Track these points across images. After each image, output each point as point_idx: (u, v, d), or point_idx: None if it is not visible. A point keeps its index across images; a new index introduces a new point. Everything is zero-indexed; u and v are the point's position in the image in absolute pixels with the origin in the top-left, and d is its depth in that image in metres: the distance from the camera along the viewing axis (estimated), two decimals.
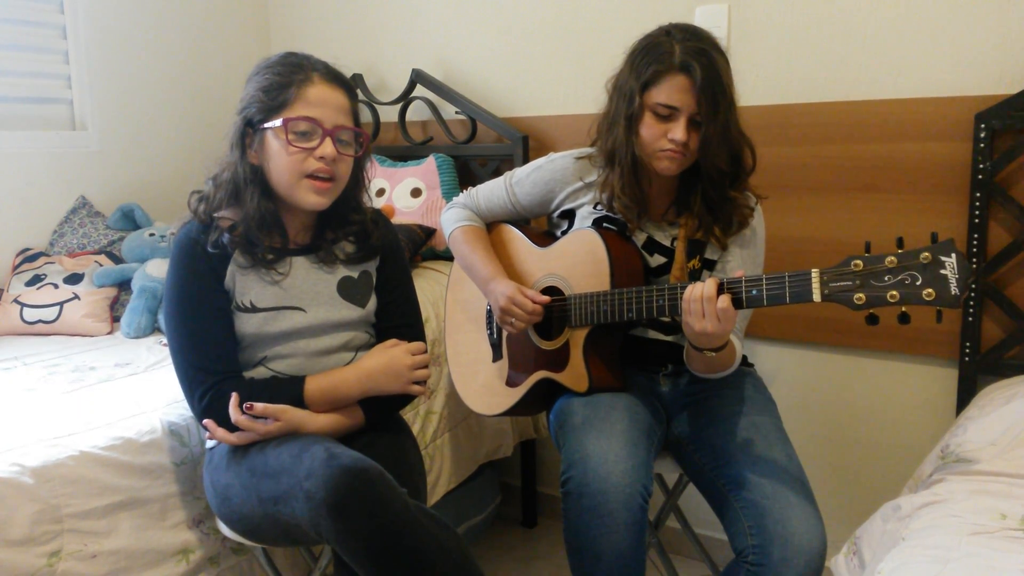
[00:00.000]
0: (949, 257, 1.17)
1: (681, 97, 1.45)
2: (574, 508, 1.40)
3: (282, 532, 1.35)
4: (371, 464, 1.24)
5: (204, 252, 1.41)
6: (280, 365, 1.45)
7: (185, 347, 1.40)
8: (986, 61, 1.80)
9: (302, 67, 1.41)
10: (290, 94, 1.38)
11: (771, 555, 1.32)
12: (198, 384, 1.39)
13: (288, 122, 1.37)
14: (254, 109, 1.40)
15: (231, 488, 1.38)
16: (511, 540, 2.46)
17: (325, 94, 1.40)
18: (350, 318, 1.49)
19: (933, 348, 1.92)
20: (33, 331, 2.13)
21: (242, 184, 1.42)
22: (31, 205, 2.35)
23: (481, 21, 2.50)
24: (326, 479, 1.20)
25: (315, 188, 1.41)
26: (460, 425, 2.13)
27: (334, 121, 1.40)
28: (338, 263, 1.51)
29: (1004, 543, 1.13)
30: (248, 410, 1.35)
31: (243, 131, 1.42)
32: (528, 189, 1.72)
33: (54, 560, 1.32)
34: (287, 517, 1.27)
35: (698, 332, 1.36)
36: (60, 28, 2.44)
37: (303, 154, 1.38)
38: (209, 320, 1.41)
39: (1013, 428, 1.42)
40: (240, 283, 1.43)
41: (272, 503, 1.29)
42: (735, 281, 1.35)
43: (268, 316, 1.44)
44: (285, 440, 1.35)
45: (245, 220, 1.42)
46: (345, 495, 1.19)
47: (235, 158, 1.42)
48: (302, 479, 1.23)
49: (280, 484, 1.27)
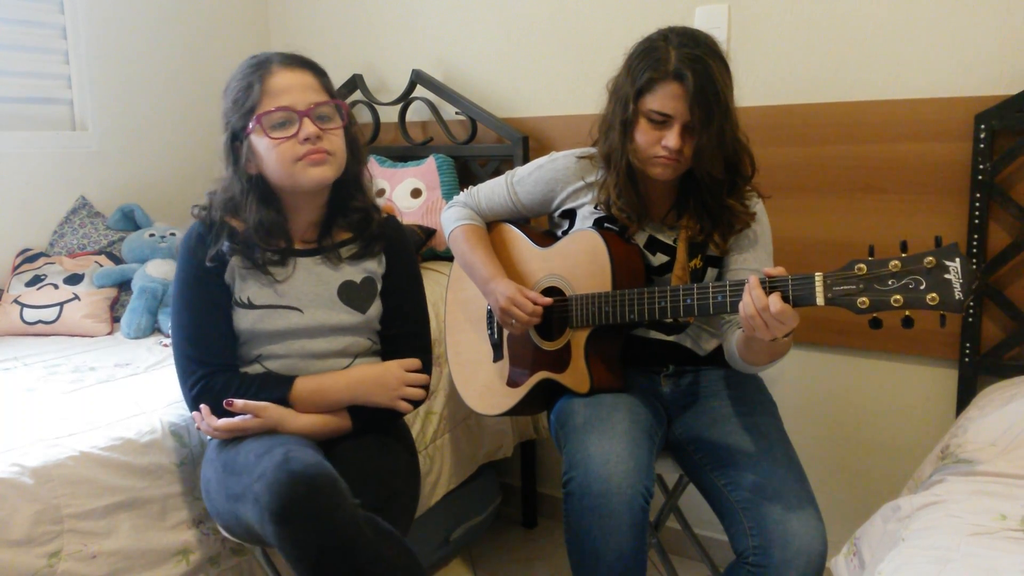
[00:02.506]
0: (953, 261, 1.16)
1: (674, 105, 1.44)
2: (575, 509, 1.40)
3: (245, 531, 1.34)
4: (323, 472, 1.21)
5: (207, 247, 1.43)
6: (274, 364, 1.46)
7: (183, 338, 1.43)
8: (986, 61, 1.80)
9: (259, 64, 1.42)
10: (256, 92, 1.39)
11: (772, 556, 1.33)
12: (190, 374, 1.41)
13: (262, 118, 1.38)
14: (233, 120, 1.42)
15: (210, 483, 1.41)
16: (511, 540, 2.46)
17: (288, 79, 1.40)
18: (349, 323, 1.48)
19: (933, 349, 1.92)
20: (33, 331, 2.13)
21: (238, 197, 1.43)
22: (31, 205, 2.34)
23: (481, 21, 2.50)
24: (272, 483, 1.18)
25: (312, 162, 1.39)
26: (460, 425, 2.13)
27: (306, 101, 1.40)
28: (342, 263, 1.51)
29: (1004, 544, 1.13)
30: (228, 406, 1.36)
31: (231, 146, 1.43)
32: (529, 188, 1.72)
33: (54, 560, 1.32)
34: (243, 516, 1.28)
35: (771, 341, 1.31)
36: (60, 28, 2.44)
37: (288, 142, 1.38)
38: (207, 313, 1.43)
39: (1013, 429, 1.42)
40: (240, 279, 1.45)
41: (233, 500, 1.30)
42: (737, 283, 1.35)
43: (263, 313, 1.45)
44: (258, 438, 1.35)
45: (246, 230, 1.44)
46: (288, 502, 1.16)
47: (229, 174, 1.44)
48: (254, 480, 1.22)
49: (240, 482, 1.28)
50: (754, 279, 1.28)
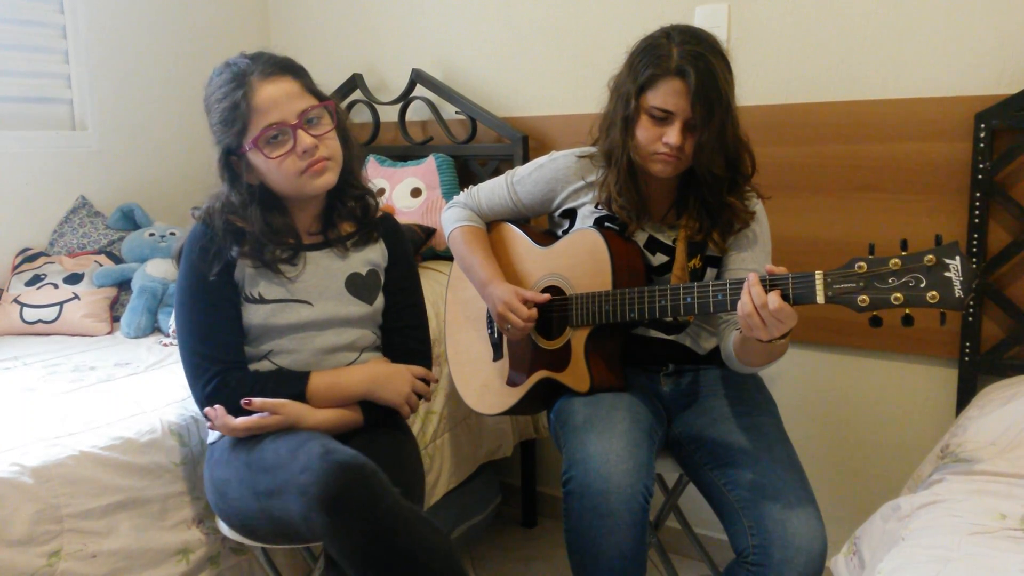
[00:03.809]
0: (953, 259, 1.16)
1: (676, 101, 1.44)
2: (575, 508, 1.40)
3: (275, 528, 1.35)
4: (367, 461, 1.24)
5: (209, 241, 1.43)
6: (284, 360, 1.46)
7: (192, 336, 1.42)
8: (986, 61, 1.80)
9: (238, 79, 1.39)
10: (243, 112, 1.37)
11: (771, 555, 1.32)
12: (203, 372, 1.40)
13: (256, 141, 1.38)
14: (226, 140, 1.41)
15: (228, 483, 1.39)
16: (511, 540, 2.46)
17: (271, 92, 1.38)
18: (357, 314, 1.51)
19: (933, 348, 1.92)
20: (33, 331, 2.13)
21: (240, 207, 1.43)
22: (31, 205, 2.35)
23: (481, 20, 2.50)
24: (321, 474, 1.20)
25: (315, 172, 1.41)
26: (460, 425, 2.13)
27: (294, 112, 1.39)
28: (349, 252, 1.52)
29: (1004, 543, 1.13)
30: (246, 405, 1.36)
31: (227, 161, 1.43)
32: (530, 188, 1.72)
33: (54, 560, 1.32)
34: (280, 512, 1.28)
35: (768, 340, 1.30)
36: (60, 28, 2.44)
37: (288, 158, 1.39)
38: (217, 310, 1.42)
39: (1013, 428, 1.42)
40: (250, 275, 1.45)
41: (267, 497, 1.30)
42: (737, 282, 1.35)
43: (275, 308, 1.45)
44: (282, 434, 1.35)
45: (253, 234, 1.44)
46: (339, 491, 1.19)
47: (227, 187, 1.44)
48: (297, 473, 1.23)
49: (275, 478, 1.28)
50: (754, 276, 1.28)
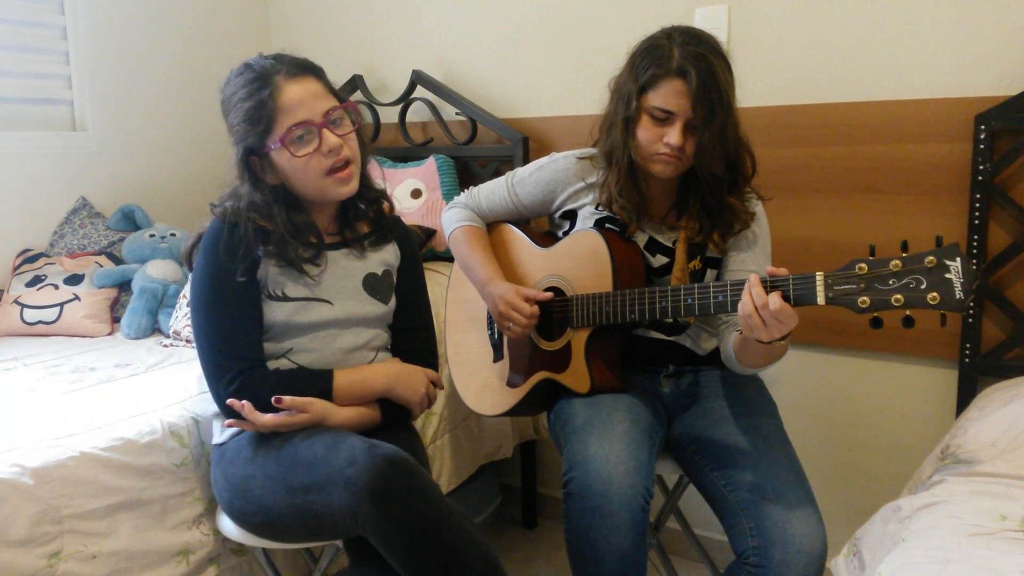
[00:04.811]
0: (954, 261, 1.16)
1: (677, 102, 1.44)
2: (576, 509, 1.40)
3: (305, 523, 1.35)
4: (409, 456, 1.28)
5: (236, 241, 1.43)
6: (305, 358, 1.47)
7: (215, 333, 1.42)
8: (986, 62, 1.80)
9: (263, 78, 1.40)
10: (269, 111, 1.39)
11: (772, 556, 1.33)
12: (226, 370, 1.40)
13: (284, 139, 1.39)
14: (250, 140, 1.41)
15: (251, 480, 1.39)
16: (511, 541, 2.46)
17: (298, 92, 1.40)
18: (374, 313, 1.53)
19: (933, 349, 1.92)
20: (33, 332, 2.13)
21: (263, 207, 1.44)
22: (31, 206, 2.34)
23: (481, 21, 2.50)
24: (370, 467, 1.23)
25: (340, 180, 1.44)
26: (460, 426, 2.13)
27: (320, 111, 1.41)
28: (366, 252, 1.55)
29: (1004, 544, 1.13)
30: (277, 403, 1.37)
31: (247, 161, 1.43)
32: (530, 189, 1.73)
33: (54, 561, 1.32)
34: (320, 506, 1.29)
35: (769, 340, 1.30)
36: (60, 28, 2.44)
37: (314, 157, 1.41)
38: (240, 308, 1.43)
39: (1013, 429, 1.42)
40: (274, 273, 1.46)
41: (303, 492, 1.31)
42: (738, 283, 1.35)
43: (299, 306, 1.46)
44: (314, 432, 1.37)
45: (278, 233, 1.45)
46: (389, 483, 1.22)
47: (247, 187, 1.44)
48: (343, 467, 1.25)
49: (314, 473, 1.29)
50: (754, 277, 1.28)
